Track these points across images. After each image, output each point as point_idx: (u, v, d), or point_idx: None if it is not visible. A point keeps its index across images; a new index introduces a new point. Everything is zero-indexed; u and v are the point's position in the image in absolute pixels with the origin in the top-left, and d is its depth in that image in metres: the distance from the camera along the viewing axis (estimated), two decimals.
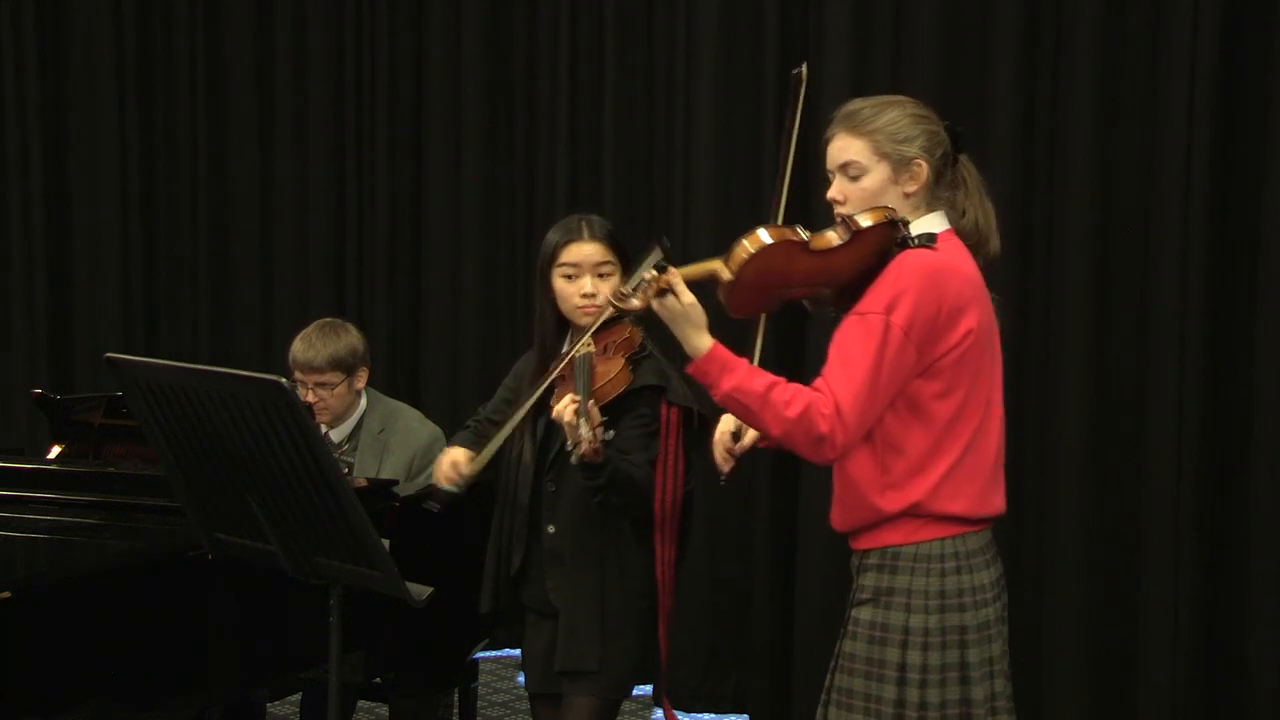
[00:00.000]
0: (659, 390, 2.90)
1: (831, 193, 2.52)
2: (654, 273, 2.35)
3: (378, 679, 3.61)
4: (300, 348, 3.66)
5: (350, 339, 3.68)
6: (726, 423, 2.64)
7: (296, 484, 2.36)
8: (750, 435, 2.65)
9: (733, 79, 4.64)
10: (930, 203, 2.49)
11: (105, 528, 3.13)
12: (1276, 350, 3.82)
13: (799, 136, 2.59)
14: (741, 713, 4.70)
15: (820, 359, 2.49)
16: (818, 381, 2.37)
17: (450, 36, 5.29)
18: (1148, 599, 3.98)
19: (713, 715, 4.72)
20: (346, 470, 3.67)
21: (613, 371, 2.81)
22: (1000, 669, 2.47)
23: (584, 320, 2.91)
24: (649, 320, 2.44)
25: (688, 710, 4.70)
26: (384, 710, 4.20)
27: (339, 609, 2.53)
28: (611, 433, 2.79)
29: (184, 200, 5.80)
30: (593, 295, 2.90)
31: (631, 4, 4.87)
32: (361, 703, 4.27)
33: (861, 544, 2.49)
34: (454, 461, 2.93)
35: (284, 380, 2.26)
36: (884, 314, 2.34)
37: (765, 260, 2.36)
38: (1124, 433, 4.05)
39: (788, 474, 4.55)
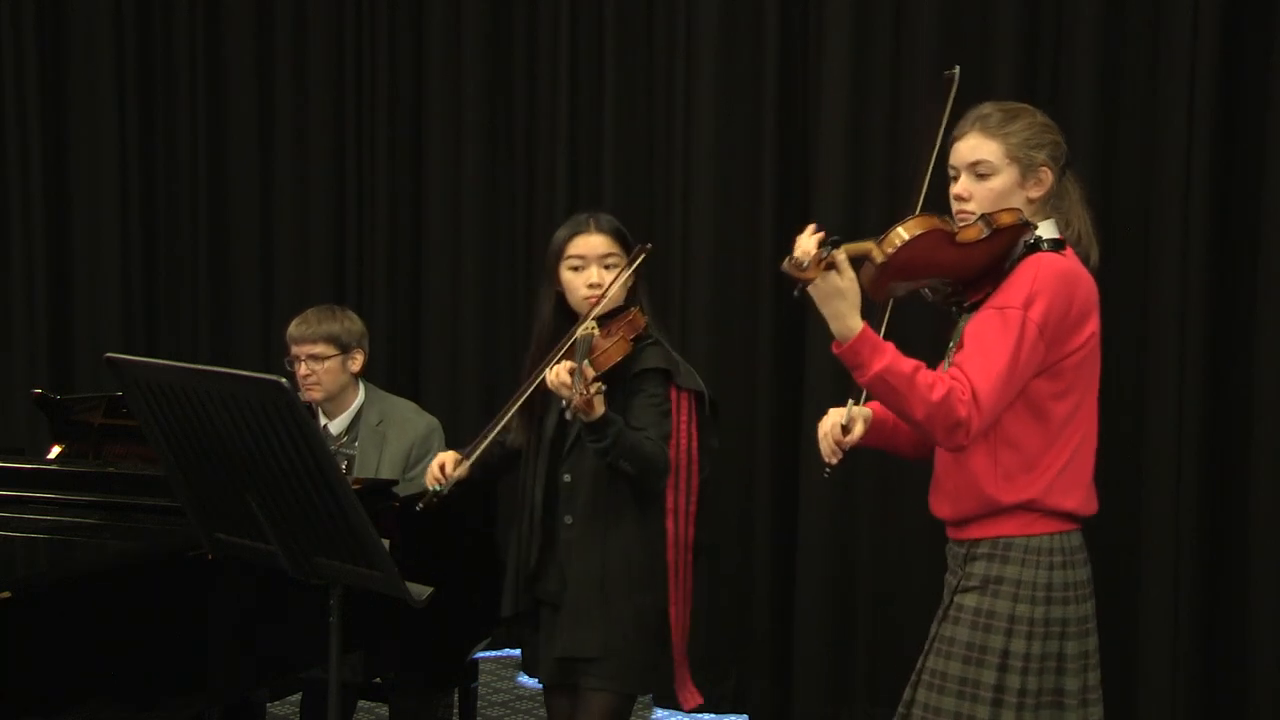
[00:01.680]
0: (665, 375, 2.95)
1: (957, 189, 2.58)
2: (828, 246, 2.37)
3: (378, 679, 3.61)
4: (295, 323, 3.75)
5: (347, 322, 3.75)
6: (835, 415, 2.67)
7: (296, 484, 2.36)
8: (859, 429, 2.67)
9: (733, 79, 4.64)
10: (1047, 211, 2.58)
11: (105, 528, 3.13)
12: (1276, 350, 3.82)
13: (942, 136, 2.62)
14: (741, 713, 4.70)
15: (822, 356, 2.50)
16: (953, 370, 2.45)
17: (450, 36, 5.29)
18: (1148, 599, 3.98)
19: (713, 715, 4.72)
20: (347, 462, 3.69)
21: (610, 344, 2.88)
22: (1094, 662, 2.55)
23: (589, 309, 2.95)
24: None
25: (687, 710, 4.69)
26: (384, 710, 4.20)
27: (339, 609, 2.53)
28: (603, 386, 2.80)
29: (184, 200, 5.80)
30: (599, 285, 2.96)
31: (631, 4, 4.87)
32: (361, 703, 4.27)
33: (972, 533, 2.56)
34: (442, 463, 2.96)
35: (284, 380, 2.26)
36: (1022, 309, 2.43)
37: (918, 247, 2.42)
38: (1124, 433, 4.05)
39: (788, 474, 4.55)
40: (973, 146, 2.57)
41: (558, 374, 2.78)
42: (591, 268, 2.97)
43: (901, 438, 2.76)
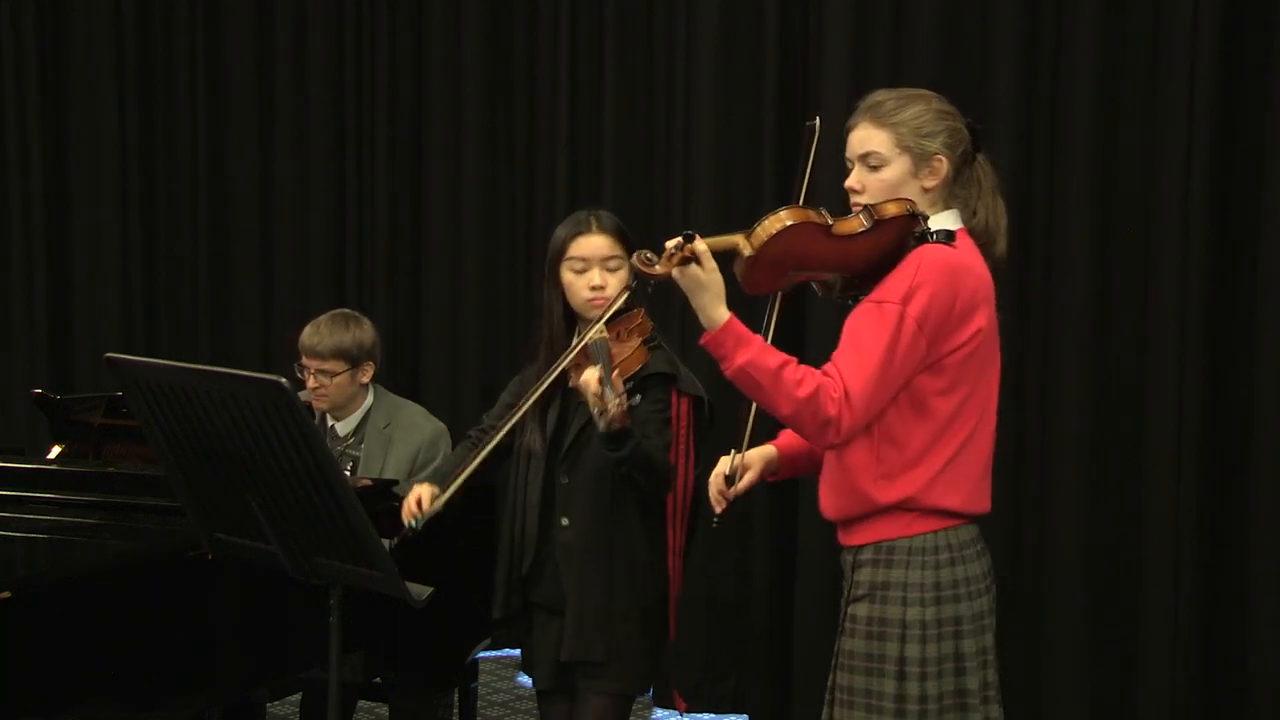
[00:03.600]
0: (669, 379, 2.93)
1: (850, 181, 2.53)
2: (679, 240, 2.35)
3: (378, 679, 3.61)
4: (308, 333, 3.69)
5: (359, 333, 3.70)
6: (722, 465, 2.65)
7: (296, 484, 2.36)
8: (746, 479, 2.66)
9: (733, 79, 4.64)
10: (946, 200, 2.51)
11: (105, 528, 3.13)
12: (1276, 350, 3.82)
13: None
14: (741, 713, 4.70)
15: (823, 346, 2.50)
16: (827, 366, 2.39)
17: (450, 36, 5.29)
18: (1148, 599, 3.98)
19: (712, 715, 4.72)
20: (352, 463, 3.68)
21: (628, 351, 2.84)
22: (991, 659, 2.49)
23: (594, 313, 2.92)
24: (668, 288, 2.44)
25: (687, 710, 4.70)
26: (384, 710, 4.20)
27: (339, 609, 2.52)
28: (639, 397, 2.79)
29: (184, 200, 5.80)
30: (601, 287, 2.92)
31: (631, 4, 4.87)
32: (361, 703, 4.27)
33: (855, 539, 2.50)
34: (418, 498, 2.90)
35: (284, 380, 2.26)
36: (900, 304, 2.36)
37: (787, 240, 2.38)
38: (1124, 433, 4.05)
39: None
40: (863, 137, 2.51)
41: (589, 379, 2.71)
42: (594, 270, 2.93)
43: (820, 458, 2.68)
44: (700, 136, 4.66)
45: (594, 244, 2.95)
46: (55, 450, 3.87)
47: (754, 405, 2.59)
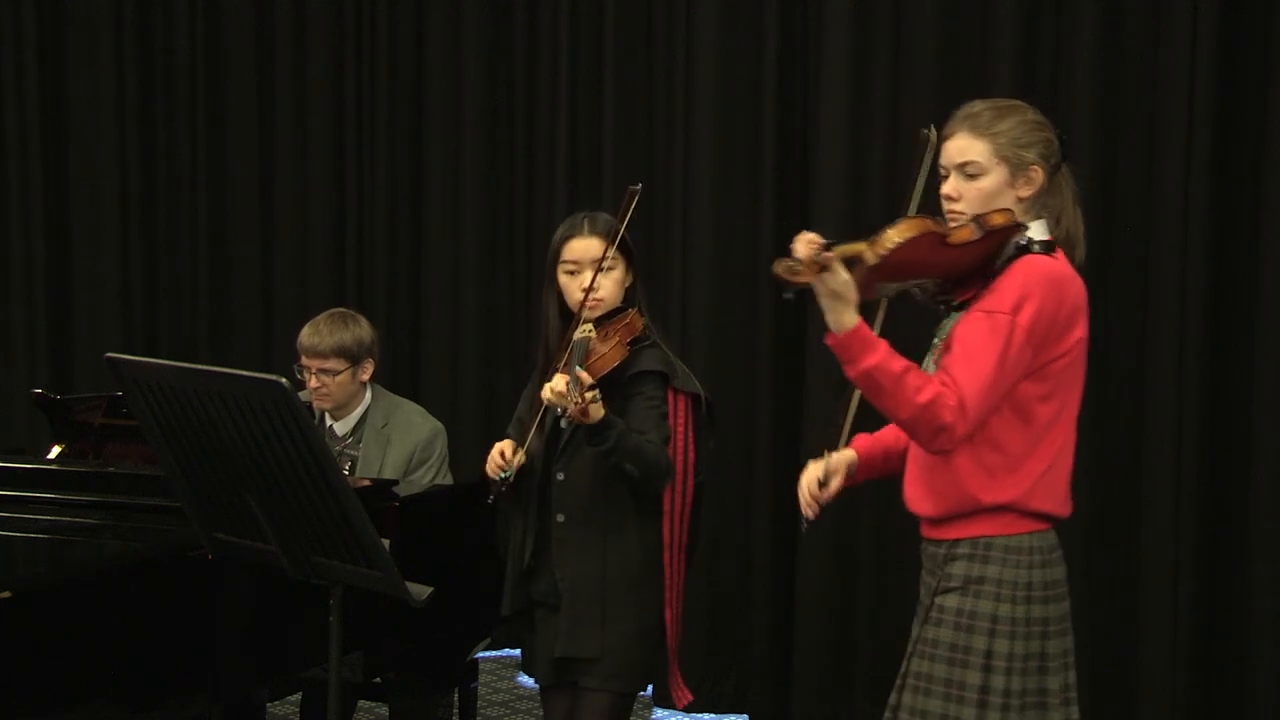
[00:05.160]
0: (662, 377, 2.95)
1: (946, 189, 2.55)
2: (815, 247, 2.38)
3: (378, 679, 3.61)
4: (307, 332, 3.70)
5: (358, 330, 3.71)
6: (813, 469, 2.70)
7: (296, 484, 2.36)
8: (836, 483, 2.72)
9: (733, 79, 4.64)
10: (1037, 209, 2.55)
11: (105, 528, 3.13)
12: (1276, 350, 3.82)
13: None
14: (741, 713, 4.70)
15: (822, 355, 2.50)
16: (940, 374, 2.44)
17: (450, 36, 5.29)
18: (1148, 599, 3.98)
19: (712, 715, 4.72)
20: (350, 463, 3.69)
21: (606, 349, 2.88)
22: (1072, 661, 2.55)
23: (587, 314, 2.95)
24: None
25: (687, 710, 4.70)
26: (384, 710, 4.20)
27: (339, 609, 2.53)
28: (597, 393, 2.80)
29: (184, 200, 5.80)
30: (593, 289, 2.95)
31: (632, 4, 4.87)
32: (361, 703, 4.27)
33: (951, 533, 2.54)
34: (501, 450, 2.95)
35: (284, 380, 2.26)
36: (1010, 314, 2.42)
37: (910, 249, 2.41)
38: (1124, 433, 4.05)
39: (788, 474, 4.54)
40: (961, 147, 2.54)
41: (554, 384, 2.78)
42: (585, 272, 2.97)
43: (894, 462, 2.75)
44: (700, 136, 4.66)
45: (586, 246, 2.98)
46: (55, 450, 3.87)
47: (850, 409, 2.68)
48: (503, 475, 2.92)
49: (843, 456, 2.73)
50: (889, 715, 2.58)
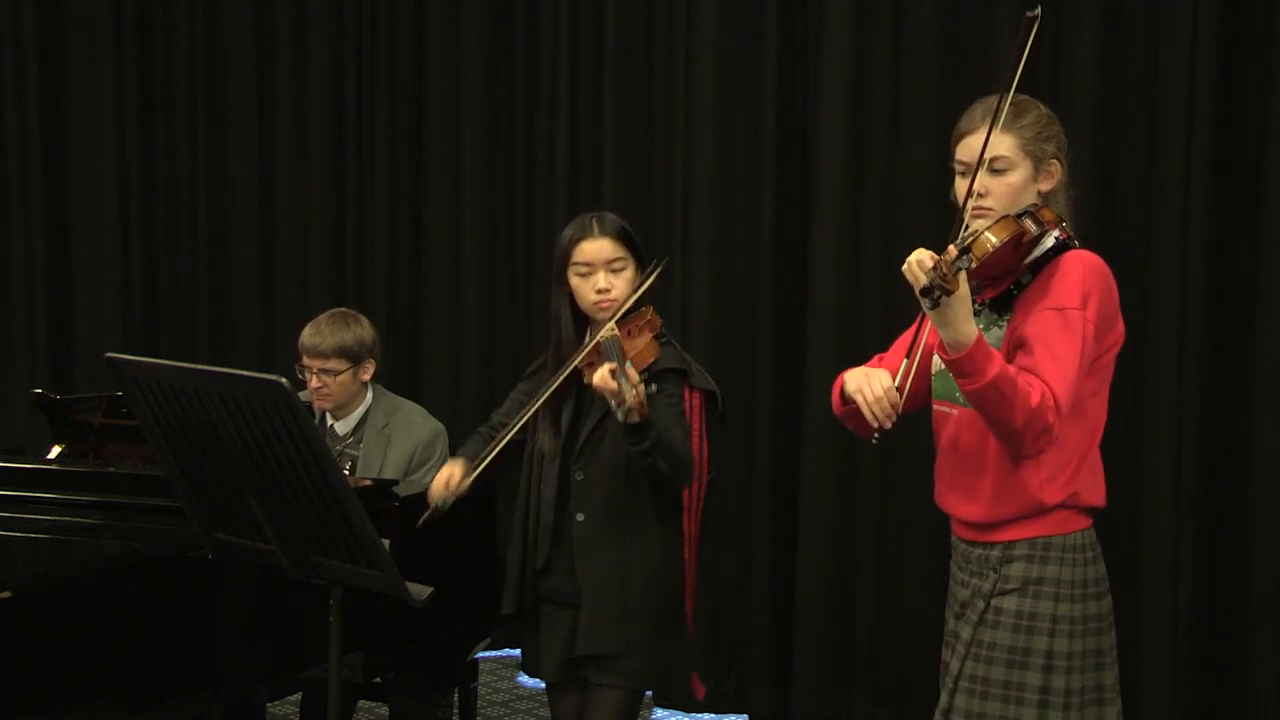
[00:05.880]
0: (681, 374, 2.96)
1: (976, 185, 2.52)
2: (959, 258, 2.31)
3: (378, 679, 3.61)
4: (309, 333, 3.70)
5: (359, 330, 3.71)
6: (885, 377, 2.50)
7: (296, 484, 2.36)
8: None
9: (733, 79, 4.64)
10: (1054, 203, 2.56)
11: (105, 528, 3.13)
12: (1276, 350, 3.82)
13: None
14: (741, 713, 4.70)
15: (822, 355, 2.50)
16: (1029, 376, 2.41)
17: (450, 36, 5.29)
18: (1148, 599, 3.98)
19: (712, 715, 4.72)
20: (351, 463, 3.69)
21: (641, 345, 2.89)
22: (1117, 655, 2.58)
23: (602, 314, 2.95)
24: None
25: (687, 710, 4.70)
26: (384, 710, 4.20)
27: (339, 609, 2.53)
28: (655, 386, 2.82)
29: (184, 200, 5.80)
30: (606, 290, 2.95)
31: (632, 4, 4.87)
32: (361, 703, 4.27)
33: (1008, 535, 2.53)
34: (448, 479, 2.94)
35: (284, 380, 2.26)
36: (1081, 310, 2.44)
37: (1002, 251, 2.41)
38: (1124, 433, 4.05)
39: (788, 473, 4.55)
40: (990, 142, 2.50)
41: (604, 379, 2.74)
42: (598, 273, 2.96)
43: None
44: (700, 136, 4.66)
45: (597, 248, 2.98)
46: (55, 450, 3.87)
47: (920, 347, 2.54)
48: (438, 504, 2.91)
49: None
50: (939, 718, 2.56)
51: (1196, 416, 3.89)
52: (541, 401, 2.94)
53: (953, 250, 2.30)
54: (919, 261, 2.30)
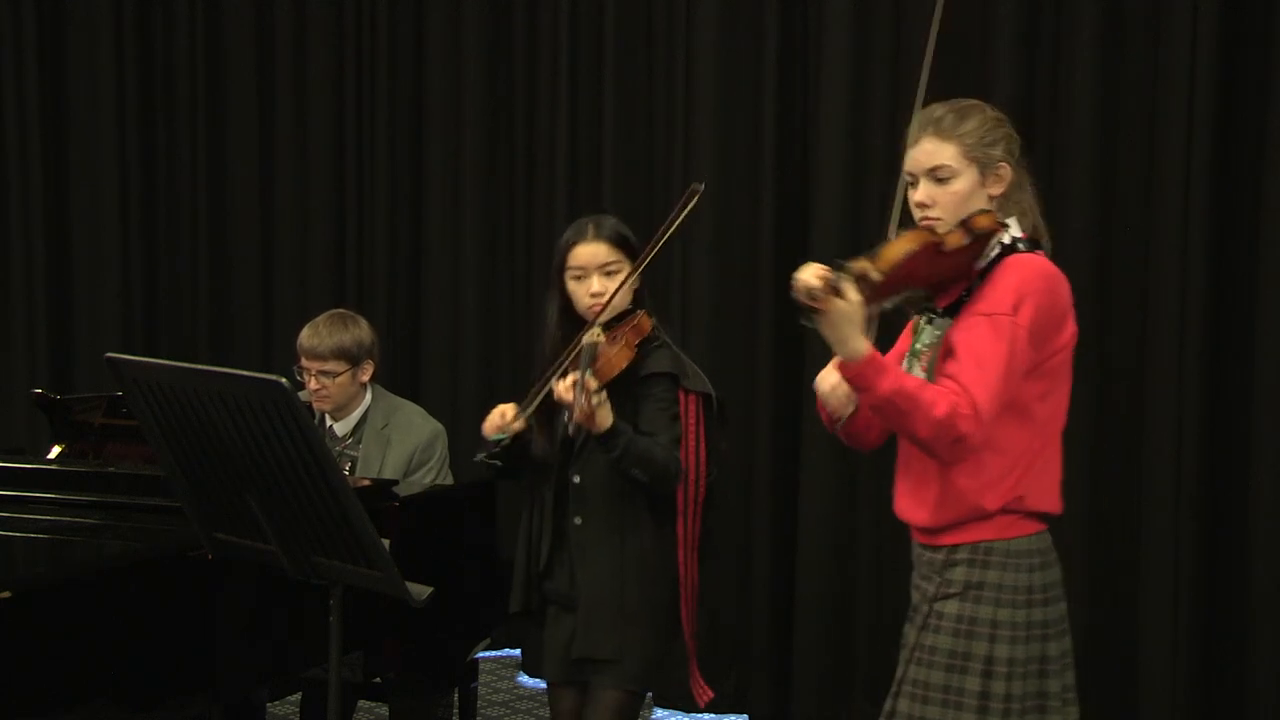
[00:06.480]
0: (673, 379, 2.95)
1: (919, 196, 2.53)
2: (832, 275, 2.34)
3: (378, 679, 3.61)
4: (307, 334, 3.70)
5: (358, 331, 3.71)
6: (833, 373, 2.56)
7: (296, 484, 2.36)
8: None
9: (733, 79, 4.64)
10: (1008, 207, 2.54)
11: (105, 528, 3.13)
12: (1276, 350, 3.82)
13: None
14: (741, 713, 4.70)
15: (821, 355, 2.50)
16: (947, 382, 2.41)
17: (450, 36, 5.29)
18: (1148, 599, 3.98)
19: (712, 715, 4.72)
20: (350, 465, 3.69)
21: (613, 353, 2.88)
22: (1070, 662, 2.54)
23: (594, 318, 2.94)
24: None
25: (687, 710, 4.70)
26: (384, 710, 4.20)
27: (339, 609, 2.53)
28: (604, 397, 2.80)
29: (184, 201, 5.80)
30: (600, 294, 2.95)
31: (632, 4, 4.87)
32: (361, 703, 4.27)
33: (950, 539, 2.52)
34: (501, 411, 2.94)
35: (284, 380, 2.26)
36: (1011, 315, 2.40)
37: (913, 262, 2.40)
38: (1124, 433, 4.05)
39: (788, 474, 4.55)
40: (930, 152, 2.51)
41: (565, 386, 2.78)
42: (593, 277, 2.97)
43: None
44: (700, 137, 4.66)
45: (591, 251, 2.98)
46: (55, 450, 3.87)
47: None
48: (499, 436, 2.91)
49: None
50: None
51: (1196, 416, 3.89)
52: (542, 398, 2.92)
53: (856, 266, 2.32)
54: (797, 279, 2.32)
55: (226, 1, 5.69)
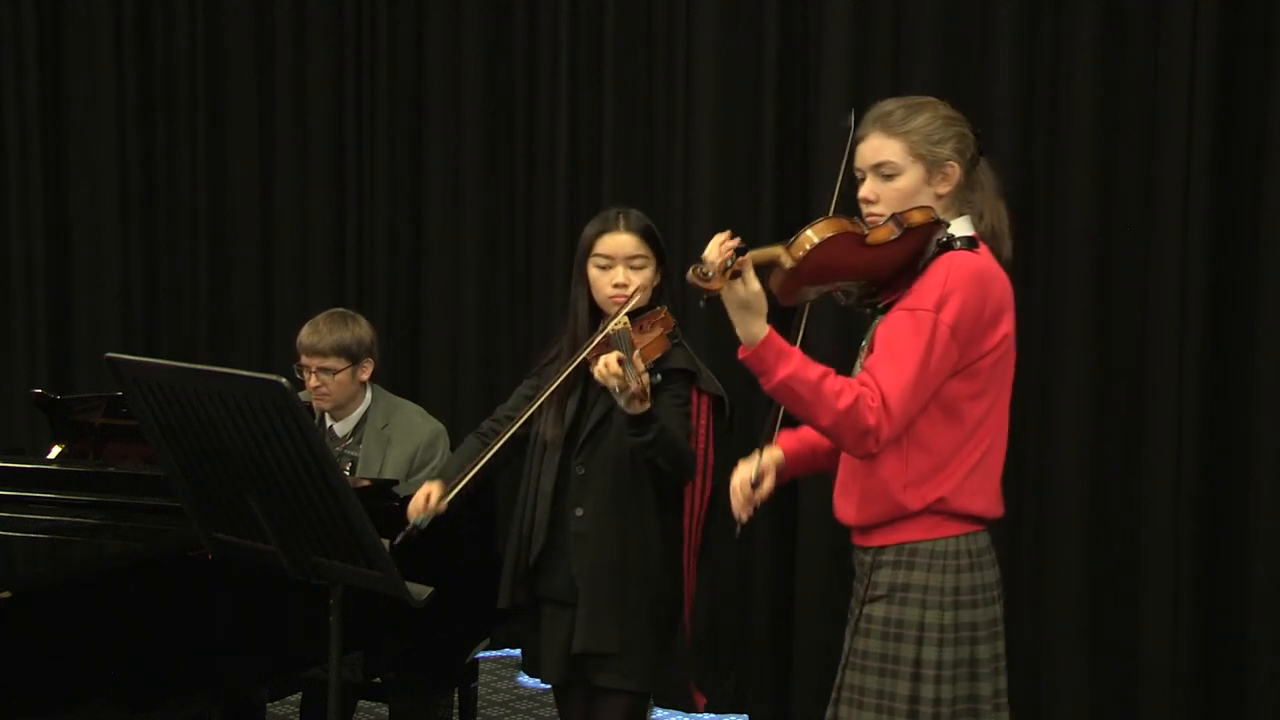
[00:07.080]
0: (690, 376, 2.95)
1: (864, 192, 2.52)
2: (734, 255, 2.33)
3: (378, 679, 3.61)
4: (307, 332, 3.71)
5: (358, 330, 3.71)
6: (744, 470, 2.63)
7: (296, 484, 2.36)
8: (768, 483, 2.64)
9: (733, 79, 4.64)
10: (959, 206, 2.52)
11: (105, 528, 3.13)
12: (1276, 350, 3.82)
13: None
14: (741, 713, 4.70)
15: (821, 355, 2.50)
16: (862, 375, 2.40)
17: (450, 36, 5.29)
18: (1148, 598, 3.98)
19: (712, 715, 4.72)
20: (350, 465, 3.69)
21: (650, 339, 2.88)
22: (1002, 666, 2.50)
23: (614, 309, 2.95)
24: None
25: (687, 710, 4.70)
26: (384, 710, 4.20)
27: (339, 609, 2.53)
28: (659, 376, 2.81)
29: (184, 200, 5.80)
30: (624, 285, 2.96)
31: (632, 4, 4.87)
32: (361, 703, 4.27)
33: (876, 540, 2.50)
34: (427, 493, 2.93)
35: (284, 380, 2.26)
36: (933, 312, 2.37)
37: (827, 251, 2.37)
38: (1124, 432, 4.05)
39: None
40: (875, 148, 2.50)
41: (607, 365, 2.73)
42: (618, 267, 2.97)
43: (822, 459, 2.70)
44: (700, 136, 4.66)
45: (619, 242, 2.99)
46: (55, 450, 3.87)
47: (781, 408, 2.58)
48: (417, 521, 2.90)
49: (772, 455, 2.66)
50: None
51: (1196, 416, 3.89)
52: (545, 396, 2.93)
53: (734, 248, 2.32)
54: (698, 264, 2.33)
55: (226, 1, 5.69)
